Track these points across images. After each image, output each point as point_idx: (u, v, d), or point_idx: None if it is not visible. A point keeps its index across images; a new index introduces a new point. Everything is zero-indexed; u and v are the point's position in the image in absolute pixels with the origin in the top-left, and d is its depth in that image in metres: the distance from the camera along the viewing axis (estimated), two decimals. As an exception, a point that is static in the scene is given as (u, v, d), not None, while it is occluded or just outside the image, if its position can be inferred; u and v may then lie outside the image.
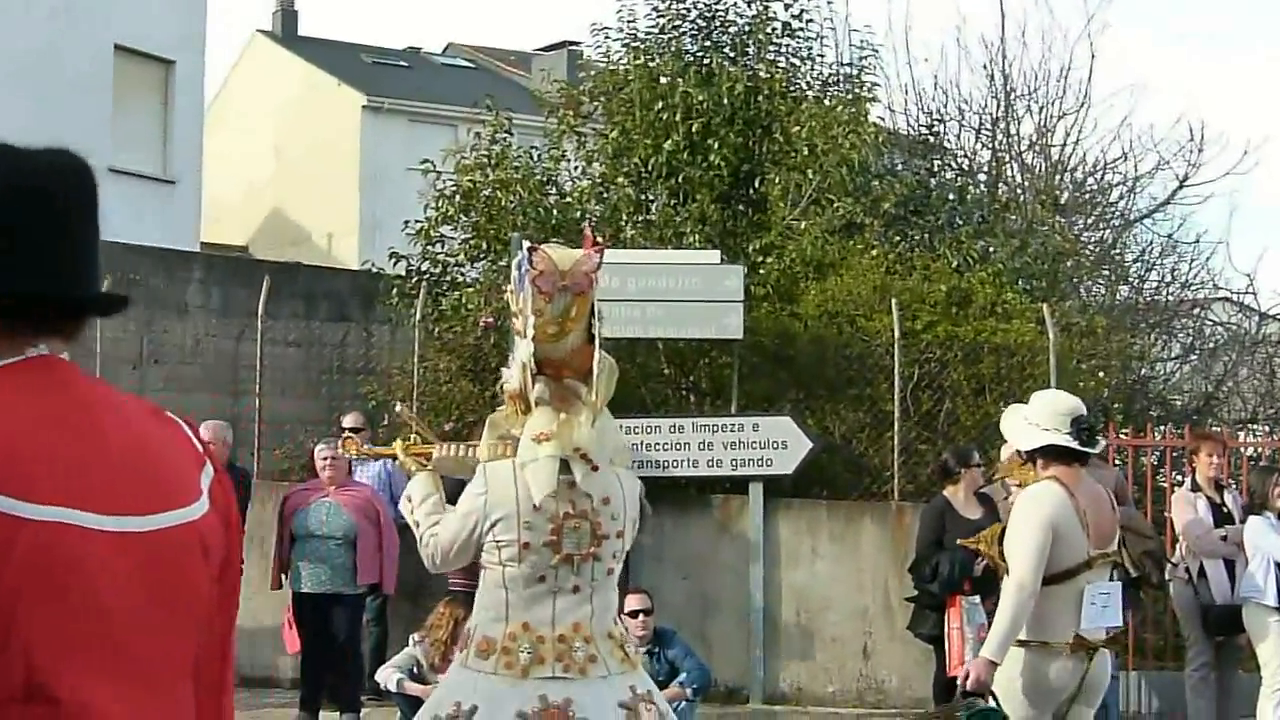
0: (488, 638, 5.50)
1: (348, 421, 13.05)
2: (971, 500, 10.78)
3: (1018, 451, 7.13)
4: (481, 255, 16.16)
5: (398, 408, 7.12)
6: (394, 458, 6.41)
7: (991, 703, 6.60)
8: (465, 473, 5.84)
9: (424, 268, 16.44)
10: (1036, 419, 6.79)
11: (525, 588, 5.48)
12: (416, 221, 16.59)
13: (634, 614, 10.96)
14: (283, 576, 11.82)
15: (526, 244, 5.65)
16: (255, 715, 11.99)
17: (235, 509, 2.61)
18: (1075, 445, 6.67)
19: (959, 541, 10.05)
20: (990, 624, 8.95)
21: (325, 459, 11.73)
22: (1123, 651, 12.47)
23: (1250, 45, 73.29)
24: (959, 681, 6.74)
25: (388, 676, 10.66)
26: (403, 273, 16.53)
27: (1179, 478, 13.39)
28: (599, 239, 14.76)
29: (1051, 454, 6.75)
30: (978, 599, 9.91)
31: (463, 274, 16.41)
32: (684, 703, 10.76)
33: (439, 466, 6.08)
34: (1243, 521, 11.09)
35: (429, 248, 16.47)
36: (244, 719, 11.42)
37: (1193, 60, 73.79)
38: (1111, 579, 6.84)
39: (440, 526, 5.72)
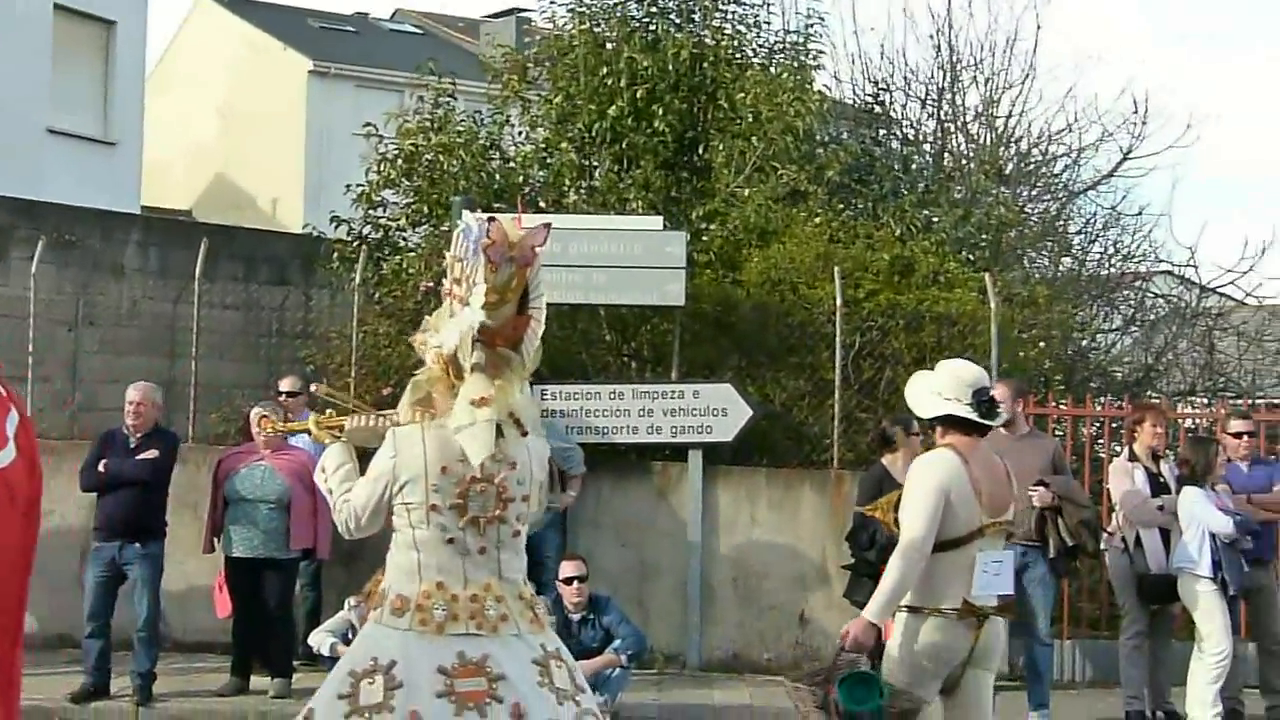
0: (402, 596, 5.64)
1: (285, 385, 12.95)
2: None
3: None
4: (423, 220, 16.02)
5: (314, 387, 7.13)
6: (308, 432, 6.43)
7: (868, 665, 6.65)
8: (378, 442, 5.93)
9: (365, 232, 16.29)
10: (939, 388, 6.86)
11: (435, 549, 5.64)
12: (358, 185, 16.43)
13: (569, 580, 10.95)
14: (215, 541, 11.73)
15: (483, 215, 5.82)
16: (188, 680, 11.91)
17: (38, 455, 2.48)
18: (974, 417, 6.73)
19: (856, 509, 10.11)
20: None
21: (260, 421, 11.63)
22: (1058, 620, 12.52)
23: (1250, 45, 73.47)
24: (839, 640, 6.75)
25: (320, 640, 10.62)
26: (344, 236, 16.37)
27: (1117, 448, 13.42)
28: (541, 204, 14.74)
29: (950, 423, 6.82)
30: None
31: (404, 238, 16.28)
32: (619, 669, 10.75)
33: (352, 438, 6.15)
34: (1178, 492, 11.12)
35: (370, 212, 16.33)
36: (176, 683, 11.39)
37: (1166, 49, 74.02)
38: (1018, 548, 6.95)
39: (353, 493, 5.86)
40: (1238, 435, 11.85)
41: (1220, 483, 11.19)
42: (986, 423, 6.78)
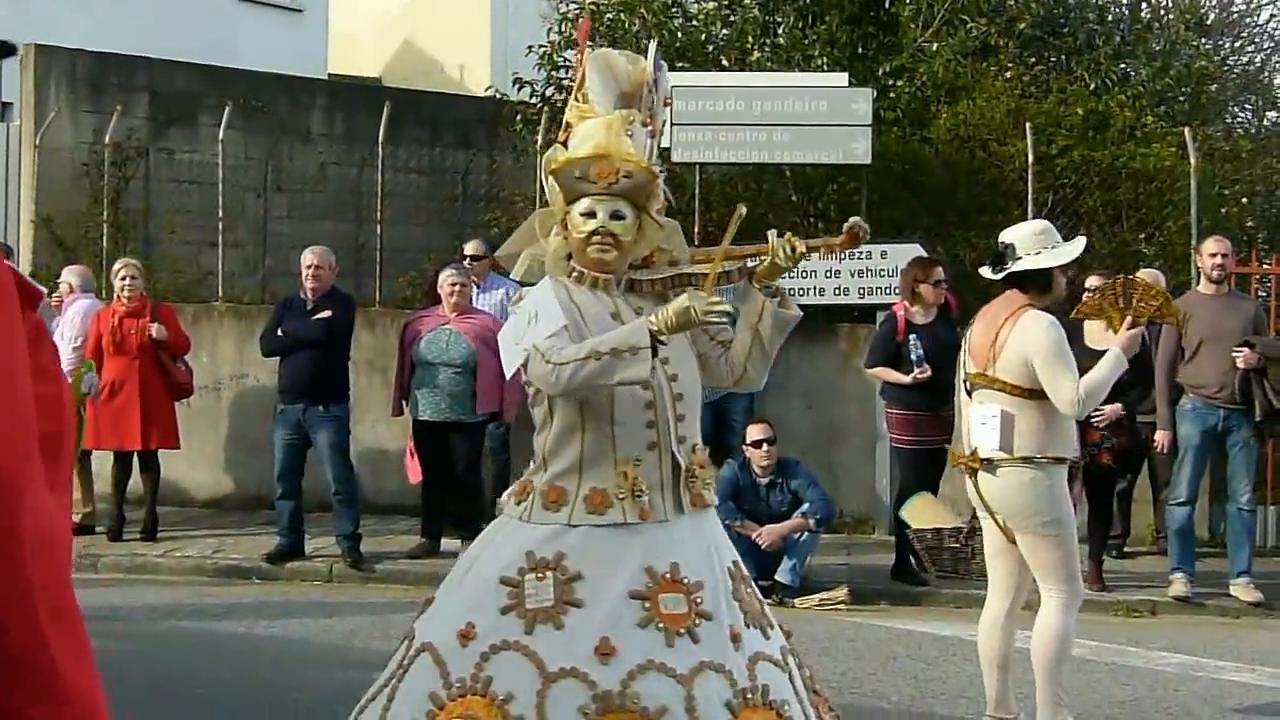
0: None
1: (470, 249, 12.95)
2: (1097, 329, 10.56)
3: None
4: (606, 80, 15.83)
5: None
6: None
7: None
8: None
9: (548, 93, 16.18)
10: None
11: None
12: (541, 46, 16.31)
13: (757, 444, 10.85)
14: (403, 404, 11.81)
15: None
16: (380, 542, 12.07)
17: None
18: (988, 273, 6.96)
19: None
20: None
21: (454, 285, 11.65)
22: (1261, 485, 12.16)
23: None
24: None
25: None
26: (527, 99, 16.27)
27: (1326, 308, 12.95)
28: (724, 63, 14.33)
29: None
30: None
31: (587, 99, 16.11)
32: (807, 533, 10.67)
33: None
34: None
35: (553, 73, 16.20)
36: (368, 545, 11.54)
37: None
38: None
39: None
40: None
41: None
42: (994, 277, 6.90)
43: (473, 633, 4.70)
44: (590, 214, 4.98)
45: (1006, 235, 6.85)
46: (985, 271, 6.93)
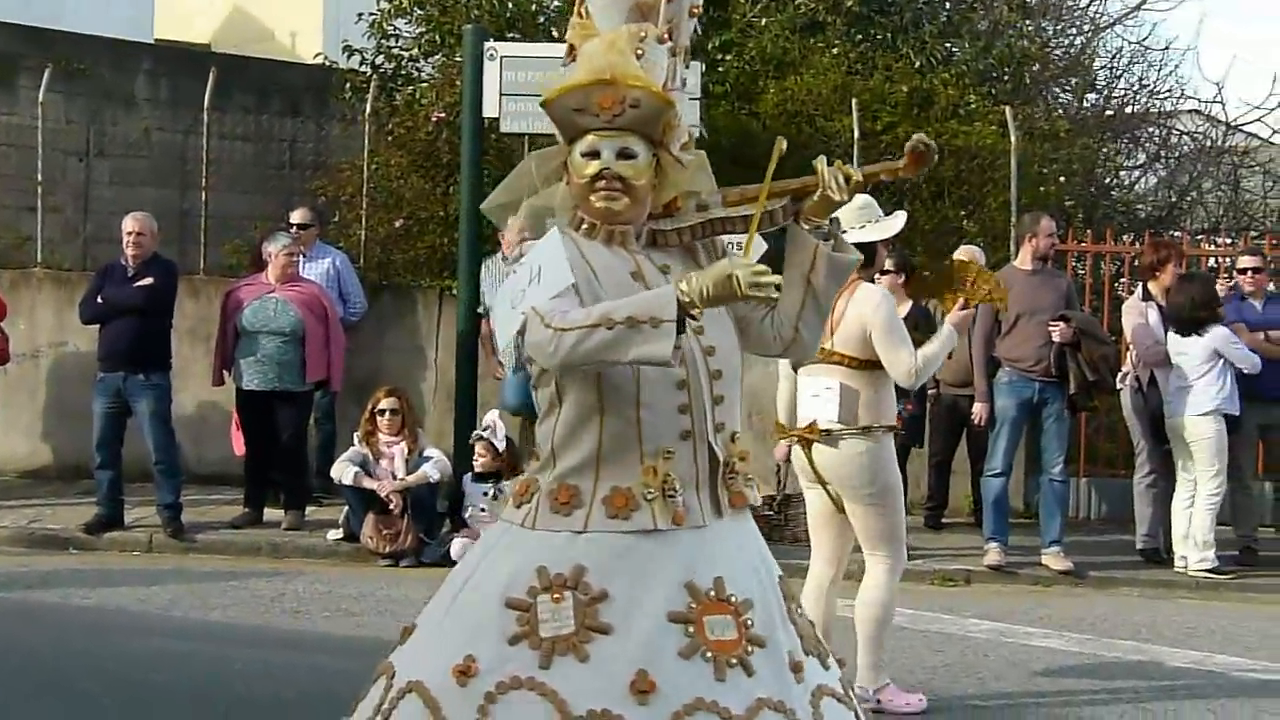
0: None
1: (296, 217, 12.84)
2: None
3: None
4: (435, 50, 15.77)
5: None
6: None
7: None
8: None
9: (378, 62, 16.05)
10: None
11: None
12: (371, 14, 16.16)
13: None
14: (225, 373, 11.68)
15: None
16: (201, 512, 11.93)
17: None
18: None
19: None
20: None
21: (289, 254, 11.59)
22: (1074, 459, 12.47)
23: None
24: None
25: (342, 470, 10.74)
26: (356, 67, 16.13)
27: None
28: (554, 34, 14.30)
29: None
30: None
31: (417, 69, 16.05)
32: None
33: None
34: (1183, 334, 11.04)
35: (383, 42, 16.07)
36: (190, 515, 11.40)
37: None
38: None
39: None
40: (1243, 271, 11.77)
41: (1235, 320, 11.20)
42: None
43: (474, 668, 3.81)
44: (593, 154, 4.05)
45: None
46: None
